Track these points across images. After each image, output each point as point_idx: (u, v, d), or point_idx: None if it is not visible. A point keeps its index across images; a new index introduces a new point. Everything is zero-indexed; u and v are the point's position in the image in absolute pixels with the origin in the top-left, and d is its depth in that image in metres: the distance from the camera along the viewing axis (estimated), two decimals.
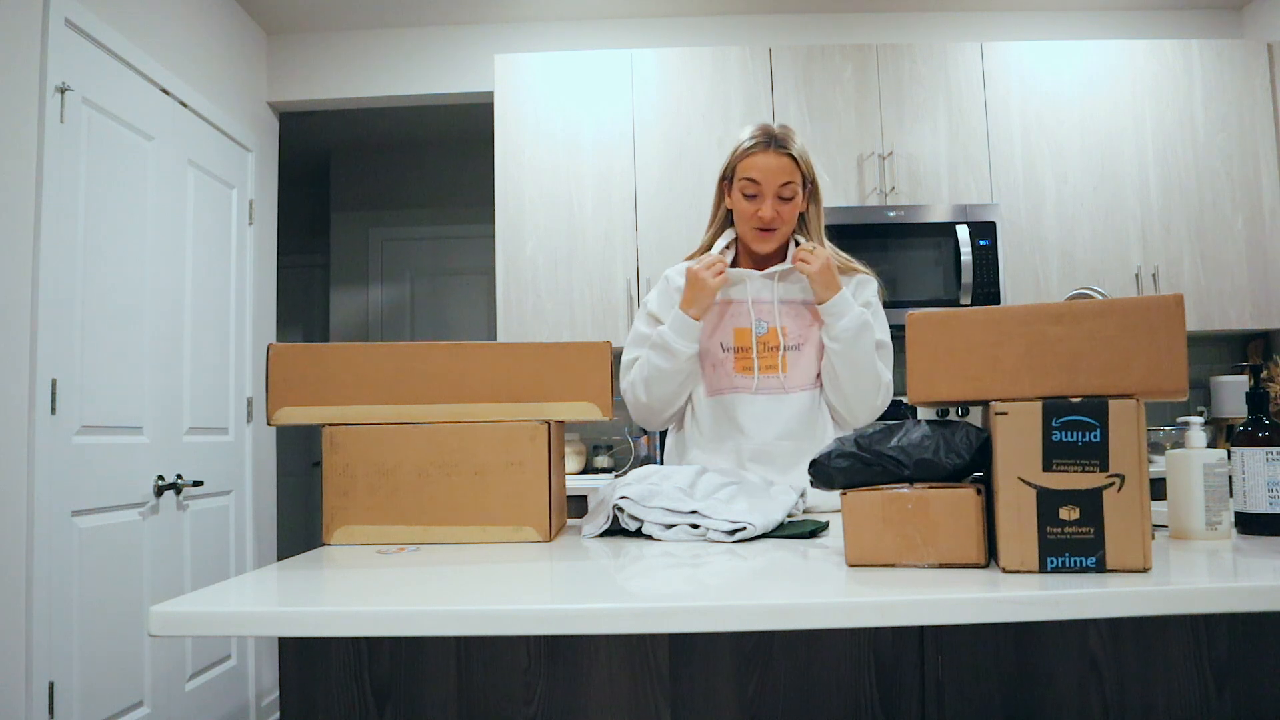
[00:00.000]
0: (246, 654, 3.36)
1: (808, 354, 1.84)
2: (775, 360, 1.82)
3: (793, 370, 1.83)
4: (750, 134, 1.82)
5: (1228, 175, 3.38)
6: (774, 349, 1.83)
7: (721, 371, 1.84)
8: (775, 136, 1.79)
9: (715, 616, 0.96)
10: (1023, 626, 1.16)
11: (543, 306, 3.35)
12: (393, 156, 5.12)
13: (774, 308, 1.84)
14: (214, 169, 3.25)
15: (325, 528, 1.43)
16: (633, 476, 1.54)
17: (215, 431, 3.22)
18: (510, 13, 3.66)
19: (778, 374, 1.82)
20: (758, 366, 1.82)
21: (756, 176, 1.79)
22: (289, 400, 1.44)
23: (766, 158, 1.78)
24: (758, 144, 1.79)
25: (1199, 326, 3.32)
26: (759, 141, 1.79)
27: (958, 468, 1.13)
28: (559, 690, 1.16)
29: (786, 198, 1.80)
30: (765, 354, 1.83)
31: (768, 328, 1.83)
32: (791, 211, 1.82)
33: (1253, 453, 1.29)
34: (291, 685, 1.18)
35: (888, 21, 3.71)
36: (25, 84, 2.28)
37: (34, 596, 2.23)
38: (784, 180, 1.78)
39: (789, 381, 1.82)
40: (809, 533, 1.43)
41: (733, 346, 1.84)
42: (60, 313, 2.38)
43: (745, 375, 1.83)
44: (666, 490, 1.47)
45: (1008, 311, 1.12)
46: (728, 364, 1.84)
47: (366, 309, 5.10)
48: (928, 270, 3.25)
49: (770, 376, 1.82)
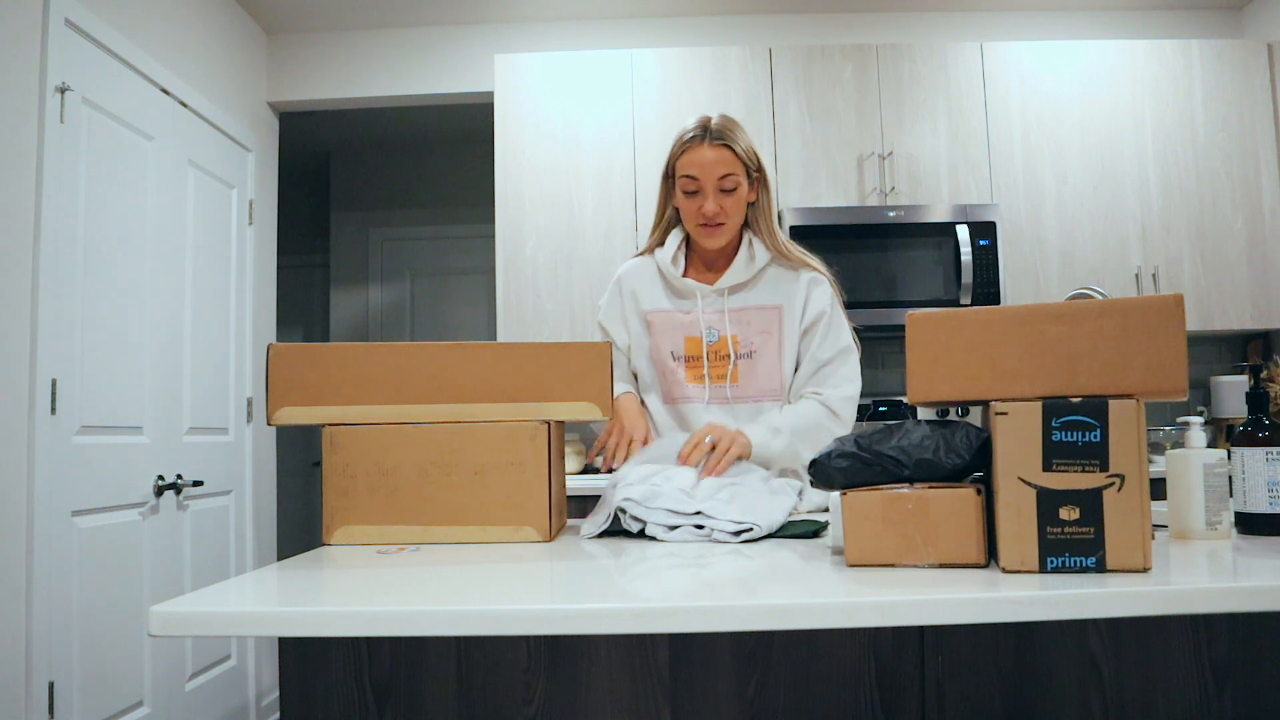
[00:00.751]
0: (246, 654, 3.36)
1: (762, 362, 1.80)
2: (726, 370, 1.79)
3: (745, 380, 1.80)
4: (687, 128, 1.76)
5: (1228, 175, 3.38)
6: (725, 358, 1.79)
7: (674, 380, 1.82)
8: (710, 129, 1.73)
9: (715, 616, 0.96)
10: (1023, 626, 1.16)
11: (543, 306, 3.35)
12: (393, 156, 5.12)
13: (724, 316, 1.81)
14: (214, 169, 3.25)
15: (325, 528, 1.43)
16: (634, 476, 1.53)
17: (215, 431, 3.22)
18: (510, 13, 3.66)
19: (727, 384, 1.79)
20: (709, 376, 1.80)
21: (695, 173, 1.74)
22: (289, 400, 1.44)
23: (702, 152, 1.72)
24: (694, 138, 1.74)
25: (1199, 326, 3.32)
26: (695, 136, 1.74)
27: (958, 468, 1.13)
28: (559, 690, 1.16)
29: (728, 189, 1.74)
30: (716, 363, 1.80)
31: (719, 336, 1.80)
32: (735, 204, 1.76)
33: (1253, 453, 1.29)
34: (291, 685, 1.18)
35: (888, 21, 3.71)
36: (25, 84, 2.28)
37: (34, 596, 2.23)
38: (723, 173, 1.73)
39: (741, 391, 1.79)
40: (810, 533, 1.44)
41: (683, 355, 1.82)
42: (60, 313, 2.37)
43: (697, 385, 1.80)
44: (668, 491, 1.47)
45: (1007, 311, 1.12)
46: (679, 373, 1.81)
47: (366, 309, 5.10)
48: (928, 270, 3.25)
49: (720, 386, 1.79)
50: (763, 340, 1.80)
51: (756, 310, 1.81)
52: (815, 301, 1.82)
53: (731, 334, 1.80)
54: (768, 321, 1.81)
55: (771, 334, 1.80)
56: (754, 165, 1.78)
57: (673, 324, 1.83)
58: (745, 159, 1.75)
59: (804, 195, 3.35)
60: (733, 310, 1.81)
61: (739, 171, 1.75)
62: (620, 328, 1.90)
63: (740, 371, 1.79)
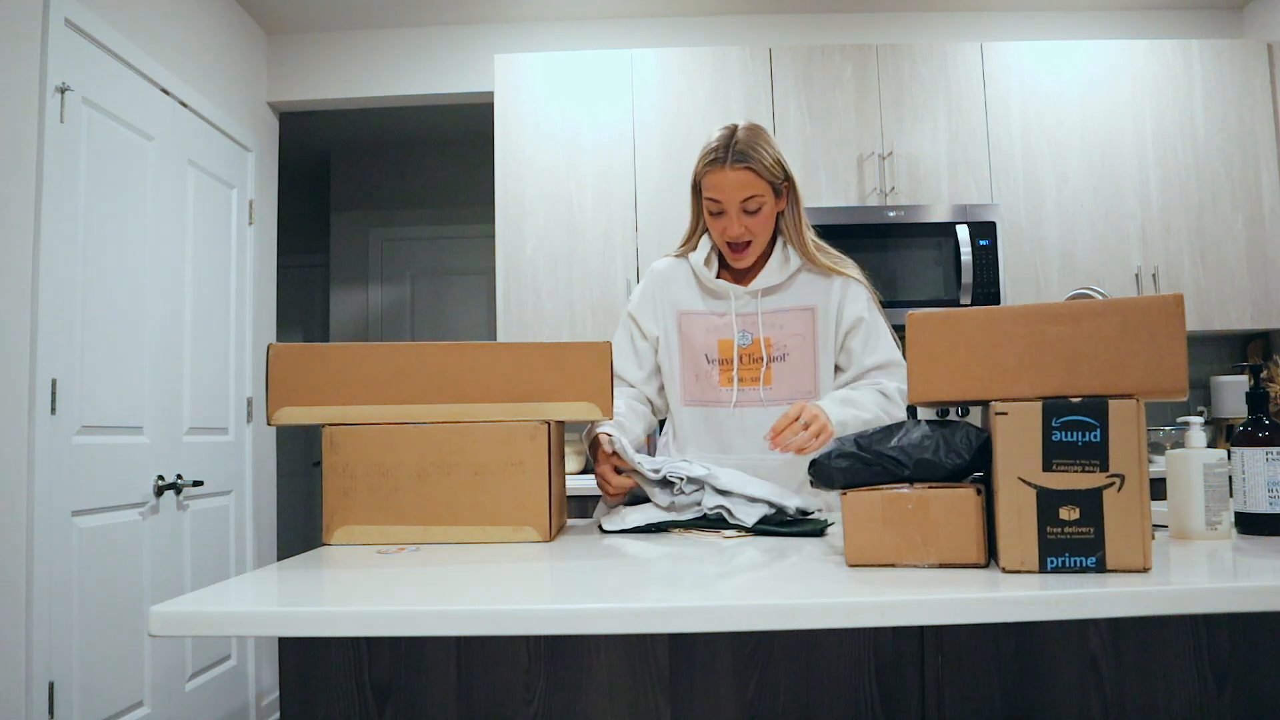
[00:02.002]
0: (246, 654, 3.36)
1: (795, 366, 1.79)
2: (758, 372, 1.79)
3: (777, 383, 1.79)
4: (710, 144, 1.74)
5: (1228, 175, 3.38)
6: (757, 361, 1.79)
7: (706, 383, 1.82)
8: (733, 149, 1.71)
9: (715, 616, 0.96)
10: (1023, 626, 1.16)
11: (543, 306, 3.35)
12: (393, 156, 5.12)
13: (757, 319, 1.81)
14: (214, 169, 3.25)
15: (325, 528, 1.43)
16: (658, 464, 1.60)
17: (215, 431, 3.22)
18: (510, 13, 3.66)
19: (760, 386, 1.79)
20: (738, 379, 1.79)
21: (717, 195, 1.73)
22: (289, 400, 1.44)
23: (723, 175, 1.71)
24: (715, 160, 1.72)
25: (1199, 326, 3.32)
26: (716, 158, 1.72)
27: (958, 468, 1.13)
28: (559, 690, 1.16)
29: (752, 211, 1.73)
30: (749, 365, 1.80)
31: (751, 339, 1.81)
32: (760, 223, 1.75)
33: (1253, 453, 1.29)
34: (291, 685, 1.18)
35: (888, 21, 3.71)
36: (25, 84, 2.28)
37: (34, 596, 2.23)
38: (745, 195, 1.71)
39: (774, 394, 1.78)
40: (810, 533, 1.44)
41: (717, 358, 1.81)
42: (60, 313, 2.37)
43: (728, 388, 1.80)
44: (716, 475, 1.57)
45: (1007, 311, 1.12)
46: (713, 375, 1.81)
47: (366, 309, 5.10)
48: (928, 270, 3.25)
49: (751, 389, 1.79)
50: (796, 343, 1.79)
51: (790, 312, 1.80)
52: (851, 305, 1.81)
53: (765, 337, 1.80)
54: (801, 324, 1.80)
55: (805, 337, 1.80)
56: (780, 177, 1.76)
57: (707, 327, 1.82)
58: (770, 175, 1.73)
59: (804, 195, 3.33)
60: (766, 313, 1.80)
61: (762, 191, 1.73)
62: (650, 319, 1.88)
63: (774, 374, 1.79)
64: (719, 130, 1.76)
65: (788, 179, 1.78)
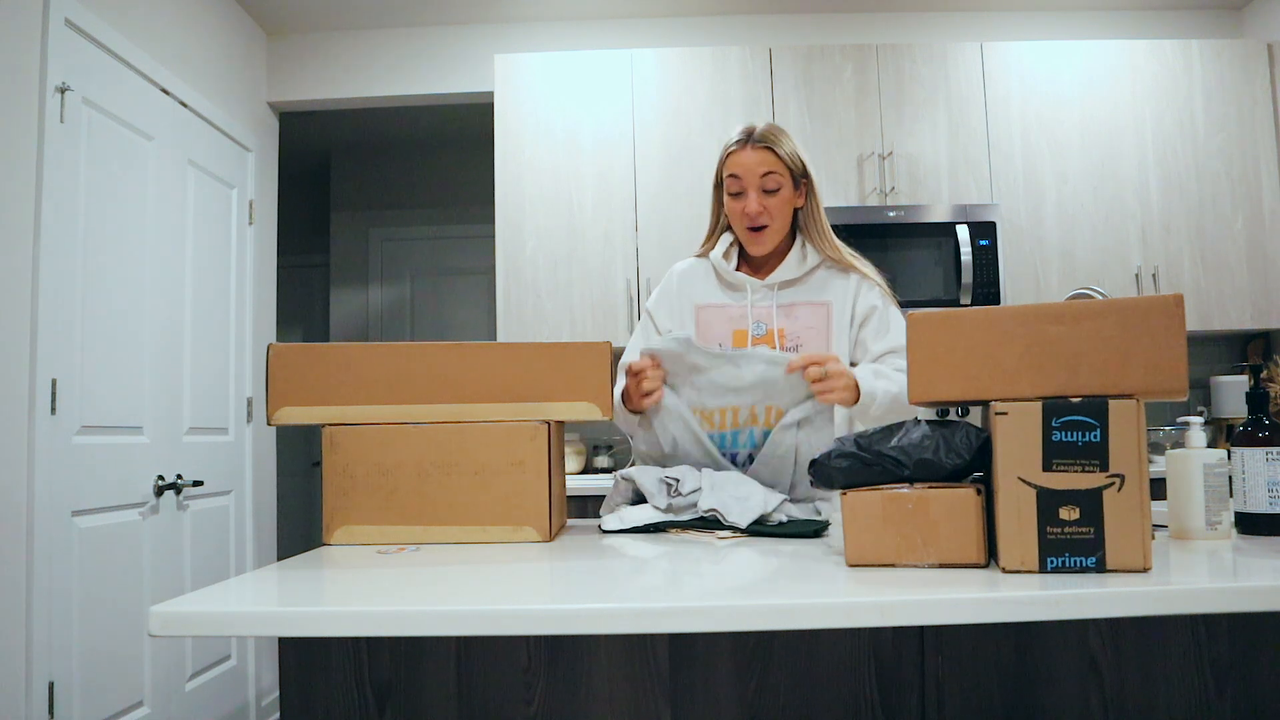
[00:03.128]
0: (246, 654, 3.36)
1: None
2: None
3: None
4: (732, 135, 1.82)
5: (1228, 175, 3.38)
6: None
7: None
8: (754, 134, 1.79)
9: (715, 616, 0.95)
10: (1023, 626, 1.16)
11: (543, 306, 3.35)
12: (393, 156, 5.12)
13: (773, 310, 1.83)
14: (214, 169, 3.25)
15: (325, 528, 1.43)
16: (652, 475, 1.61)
17: (215, 431, 3.22)
18: (510, 13, 3.66)
19: None
20: None
21: (738, 172, 1.79)
22: (289, 400, 1.44)
23: (746, 153, 1.78)
24: (738, 143, 1.80)
25: (1199, 326, 3.32)
26: (739, 140, 1.80)
27: (958, 468, 1.13)
28: (559, 690, 1.16)
29: (770, 189, 1.78)
30: None
31: (765, 330, 1.83)
32: (779, 205, 1.80)
33: (1253, 453, 1.29)
34: (291, 685, 1.18)
35: (888, 21, 3.71)
36: (25, 84, 2.28)
37: (34, 596, 2.22)
38: (765, 171, 1.77)
39: None
40: (810, 533, 1.44)
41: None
42: (60, 313, 2.37)
43: None
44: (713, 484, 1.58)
45: (1008, 311, 1.12)
46: None
47: (366, 309, 5.10)
48: (928, 270, 3.25)
49: None
50: (809, 335, 1.81)
51: (805, 306, 1.83)
52: (865, 298, 1.84)
53: (778, 328, 1.82)
54: (815, 318, 1.82)
55: (819, 330, 1.82)
56: (799, 170, 1.81)
57: (723, 317, 1.85)
58: (789, 162, 1.79)
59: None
60: (781, 305, 1.83)
61: (781, 172, 1.78)
62: (666, 314, 1.91)
63: None
64: (739, 126, 1.83)
65: (806, 175, 1.83)
